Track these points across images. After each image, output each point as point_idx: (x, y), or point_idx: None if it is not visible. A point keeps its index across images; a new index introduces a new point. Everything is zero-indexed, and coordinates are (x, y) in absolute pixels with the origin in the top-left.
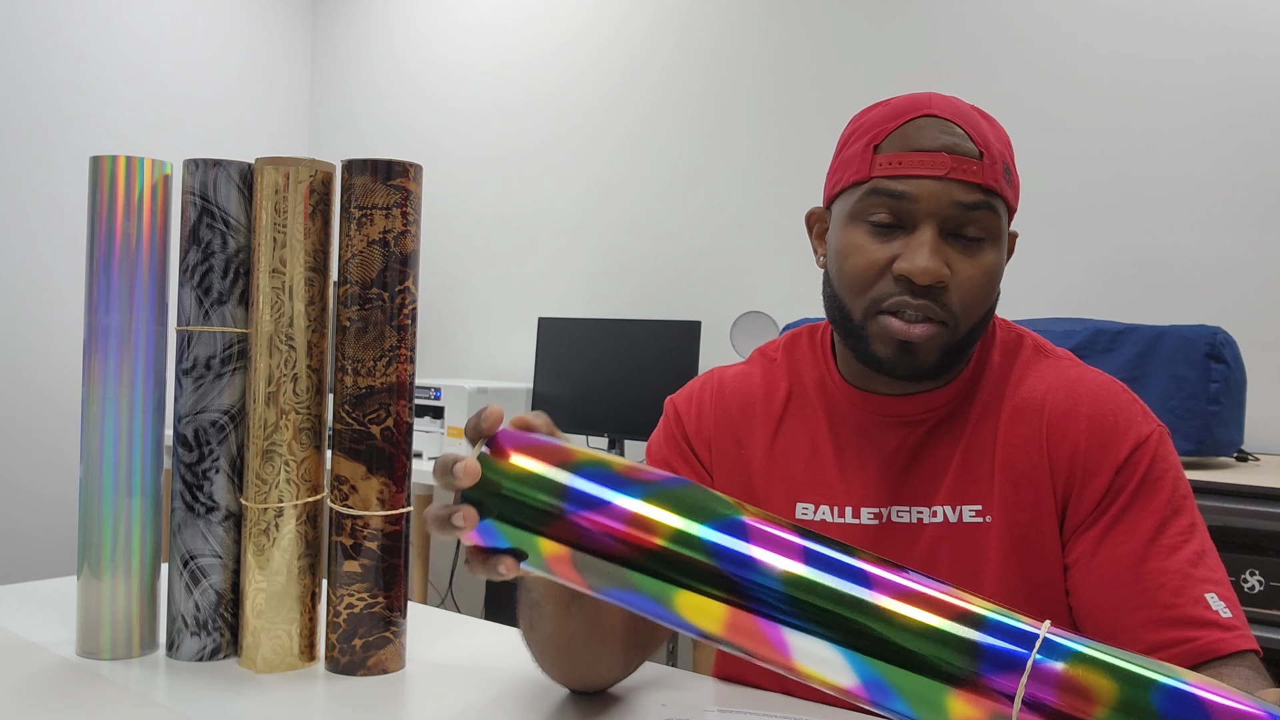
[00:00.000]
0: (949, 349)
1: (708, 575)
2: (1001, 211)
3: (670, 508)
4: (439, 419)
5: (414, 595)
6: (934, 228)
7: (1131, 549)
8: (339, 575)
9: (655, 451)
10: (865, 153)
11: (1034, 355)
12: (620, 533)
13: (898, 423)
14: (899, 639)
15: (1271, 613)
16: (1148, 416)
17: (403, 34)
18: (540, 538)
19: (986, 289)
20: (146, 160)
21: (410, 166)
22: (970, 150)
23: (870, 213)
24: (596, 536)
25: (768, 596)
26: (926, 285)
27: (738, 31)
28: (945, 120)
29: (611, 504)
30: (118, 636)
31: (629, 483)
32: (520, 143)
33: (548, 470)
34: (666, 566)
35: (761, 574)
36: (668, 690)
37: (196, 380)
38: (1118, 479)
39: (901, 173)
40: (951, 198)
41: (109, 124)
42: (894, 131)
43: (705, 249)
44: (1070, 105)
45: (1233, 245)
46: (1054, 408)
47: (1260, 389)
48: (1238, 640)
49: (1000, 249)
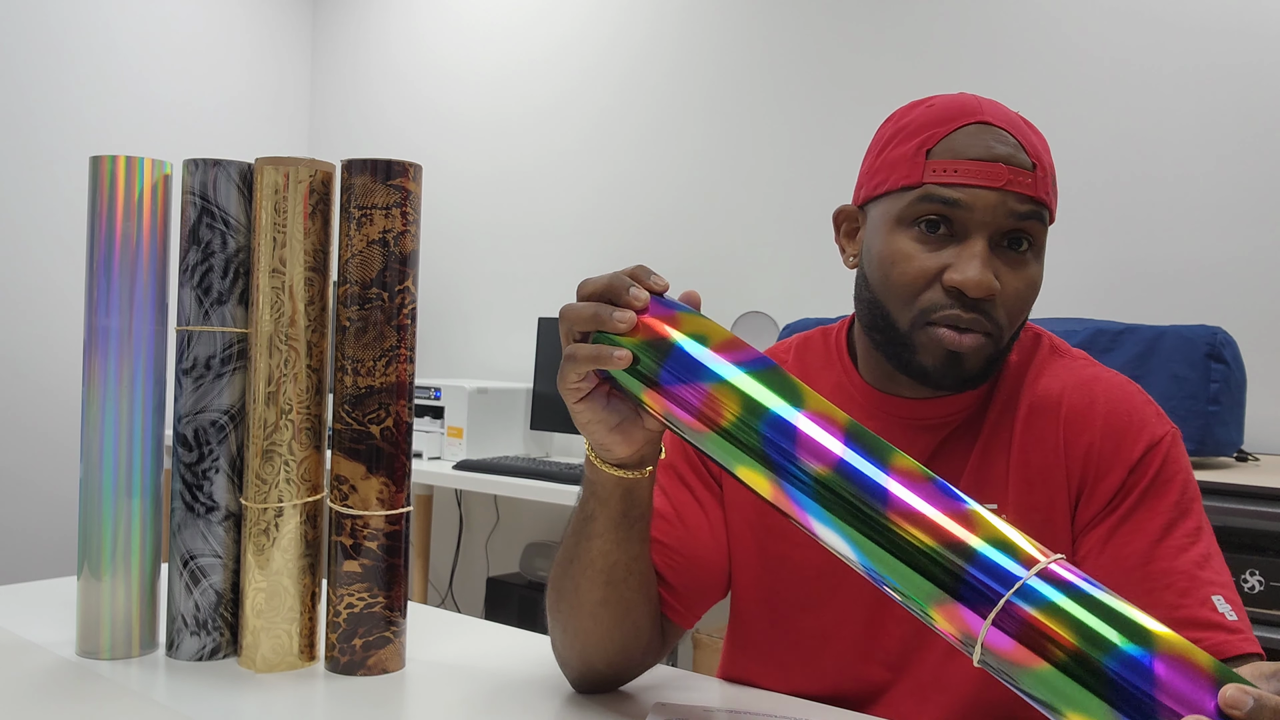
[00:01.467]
0: (992, 359)
1: (760, 456)
2: (1047, 223)
3: (746, 390)
4: (439, 419)
5: (414, 595)
6: (985, 239)
7: (1138, 548)
8: (339, 575)
9: (663, 458)
10: (916, 156)
11: (1050, 354)
12: (699, 408)
13: (919, 426)
14: (895, 552)
15: (1271, 613)
16: (1161, 418)
17: (403, 34)
18: (645, 389)
19: (1027, 302)
20: (146, 160)
21: (410, 166)
22: (1024, 162)
23: (914, 215)
24: (682, 404)
25: (799, 485)
26: (978, 298)
27: (738, 33)
28: (999, 129)
29: (699, 379)
30: (117, 636)
31: (720, 360)
32: (521, 142)
33: (664, 334)
34: (732, 440)
35: (800, 466)
36: (668, 690)
37: (196, 380)
38: (1130, 478)
39: (958, 180)
40: (1007, 208)
41: (109, 124)
42: (947, 137)
43: (705, 249)
44: (1070, 105)
45: (1233, 245)
46: (1070, 406)
47: (1260, 389)
48: (1242, 643)
49: (1042, 261)
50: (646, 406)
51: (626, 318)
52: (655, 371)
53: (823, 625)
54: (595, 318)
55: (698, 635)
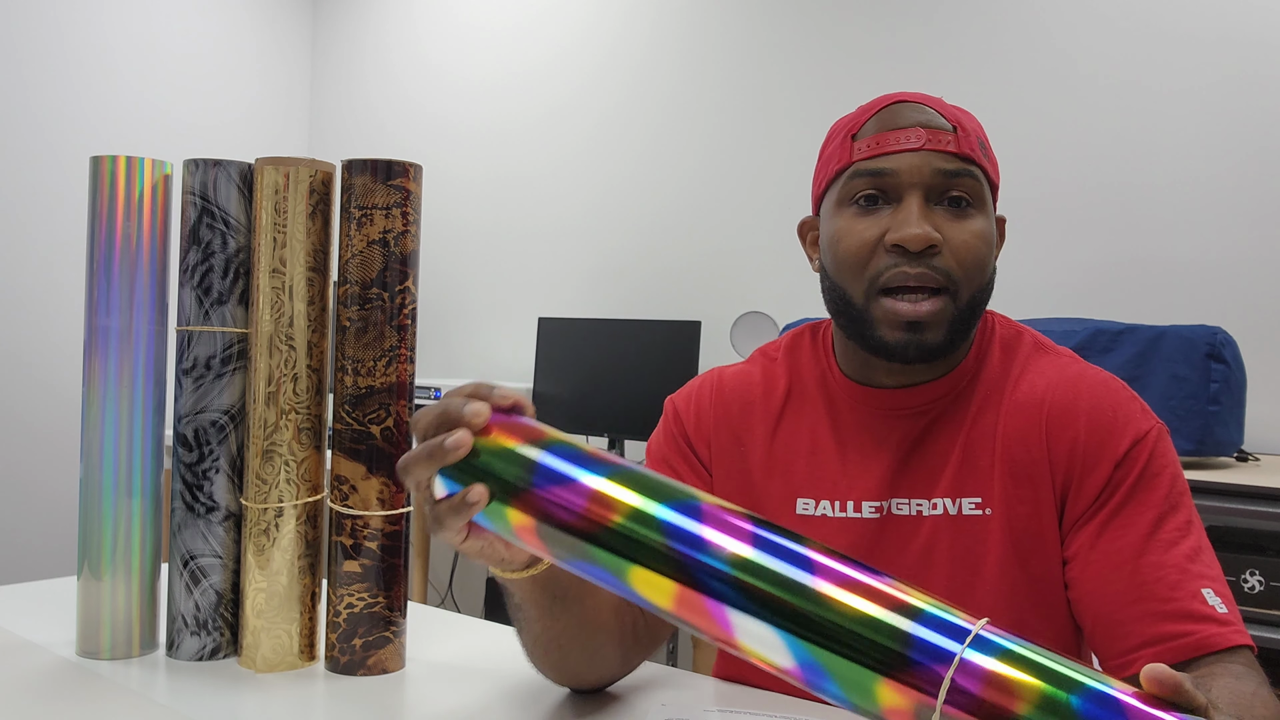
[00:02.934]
0: (954, 323)
1: (660, 553)
2: (983, 180)
3: (630, 487)
4: None
5: (414, 595)
6: (919, 197)
7: (1129, 543)
8: (339, 575)
9: (655, 451)
10: (844, 144)
11: (1034, 351)
12: (581, 508)
13: (899, 415)
14: (834, 622)
15: (1271, 613)
16: (1146, 413)
17: (403, 33)
18: (509, 507)
19: (980, 252)
20: (146, 160)
21: (410, 166)
22: (944, 125)
23: (852, 193)
24: (560, 510)
25: (714, 577)
26: (920, 251)
27: (738, 34)
28: (916, 103)
29: (576, 480)
30: (118, 636)
31: (594, 462)
32: (522, 143)
33: (519, 446)
34: (622, 542)
35: (710, 555)
36: (668, 690)
37: (196, 380)
38: (1116, 473)
39: (880, 151)
40: (931, 166)
41: (109, 124)
42: (869, 120)
43: (705, 249)
44: (1070, 105)
45: (1233, 245)
46: (1054, 403)
47: (1260, 389)
48: (1233, 635)
49: (989, 217)
50: (514, 529)
51: (461, 442)
52: (525, 479)
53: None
54: (430, 458)
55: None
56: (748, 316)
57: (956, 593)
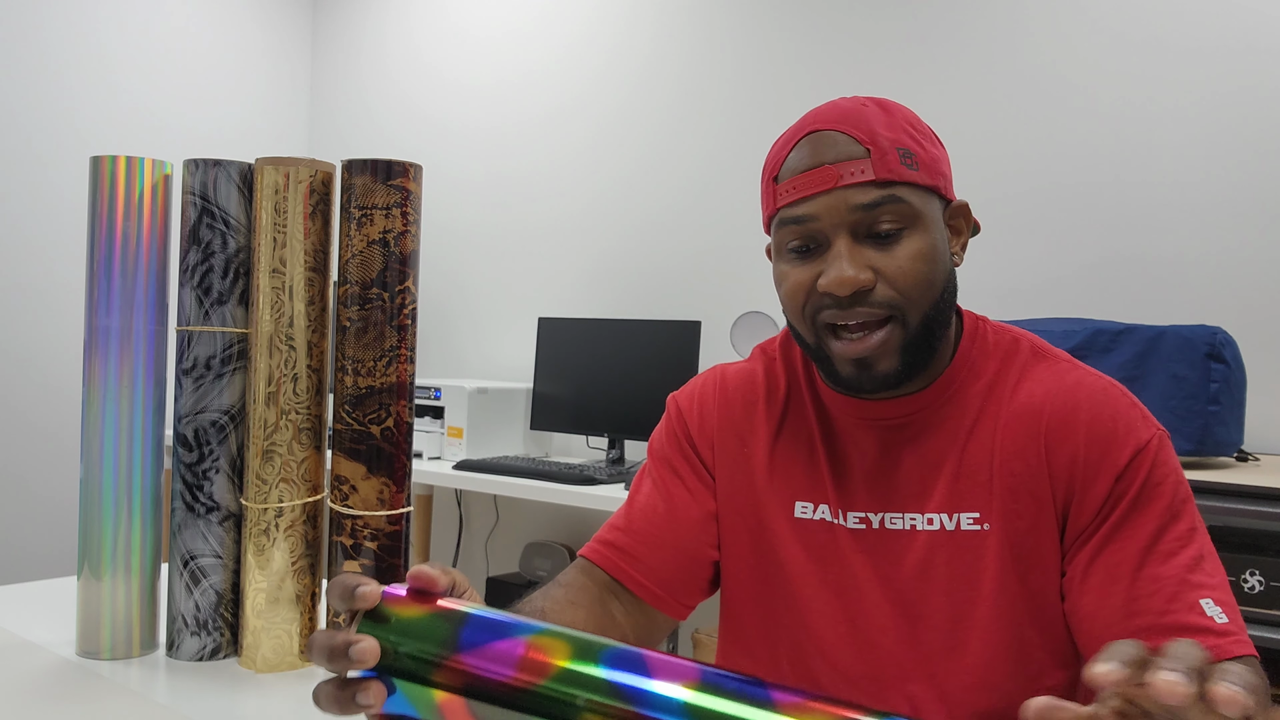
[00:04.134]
0: (906, 348)
1: (610, 694)
2: (910, 198)
3: (570, 633)
4: (439, 419)
5: None
6: (845, 237)
7: (1127, 556)
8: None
9: (657, 449)
10: (769, 187)
11: (1031, 358)
12: (521, 657)
13: (882, 425)
14: None
15: (1271, 613)
16: (1147, 421)
17: (403, 33)
18: (434, 689)
19: (920, 274)
20: (146, 160)
21: (410, 167)
22: (855, 152)
23: (786, 243)
24: (501, 660)
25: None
26: (851, 295)
27: (739, 34)
28: (826, 132)
29: (512, 635)
30: (118, 636)
31: (517, 625)
32: (522, 144)
33: (433, 620)
34: (570, 685)
35: (660, 693)
36: None
37: (196, 380)
38: (1118, 486)
39: (797, 196)
40: (848, 204)
41: (109, 124)
42: (785, 161)
43: (705, 249)
44: (1069, 105)
45: (1233, 245)
46: (1052, 414)
47: (1260, 389)
48: (1232, 646)
49: (927, 231)
50: (436, 698)
51: (369, 594)
52: (453, 637)
53: (812, 628)
54: (331, 652)
55: (698, 635)
56: (748, 316)
57: (955, 608)
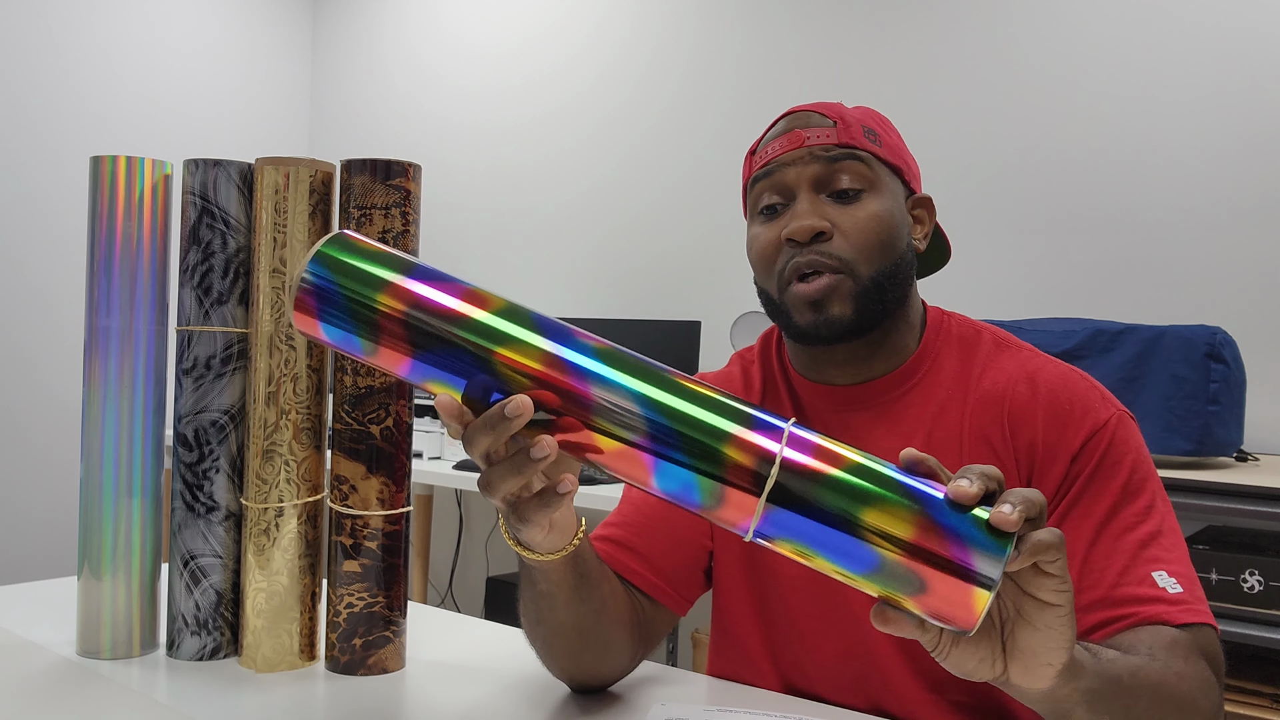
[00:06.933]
0: (859, 297)
1: (535, 327)
2: (872, 163)
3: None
4: (439, 419)
5: (414, 595)
6: (808, 191)
7: (1083, 534)
8: (339, 575)
9: None
10: (747, 161)
11: (994, 348)
12: (449, 309)
13: (852, 409)
14: (686, 397)
15: (1271, 613)
16: (1106, 401)
17: (402, 33)
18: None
19: (875, 233)
20: (147, 160)
21: (409, 166)
22: (823, 123)
23: (757, 204)
24: (430, 303)
25: (581, 350)
26: (809, 240)
27: (738, 33)
28: (803, 111)
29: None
30: (118, 636)
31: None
32: (521, 142)
33: (387, 255)
34: (505, 317)
35: (579, 338)
36: (667, 688)
37: (196, 380)
38: (1074, 466)
39: (769, 159)
40: (812, 158)
41: (109, 124)
42: (764, 137)
43: (705, 249)
44: (1069, 105)
45: (1233, 245)
46: (1014, 399)
47: (1260, 389)
48: (1182, 614)
49: (885, 199)
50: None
51: (520, 406)
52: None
53: (794, 610)
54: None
55: (697, 635)
56: (748, 316)
57: None
